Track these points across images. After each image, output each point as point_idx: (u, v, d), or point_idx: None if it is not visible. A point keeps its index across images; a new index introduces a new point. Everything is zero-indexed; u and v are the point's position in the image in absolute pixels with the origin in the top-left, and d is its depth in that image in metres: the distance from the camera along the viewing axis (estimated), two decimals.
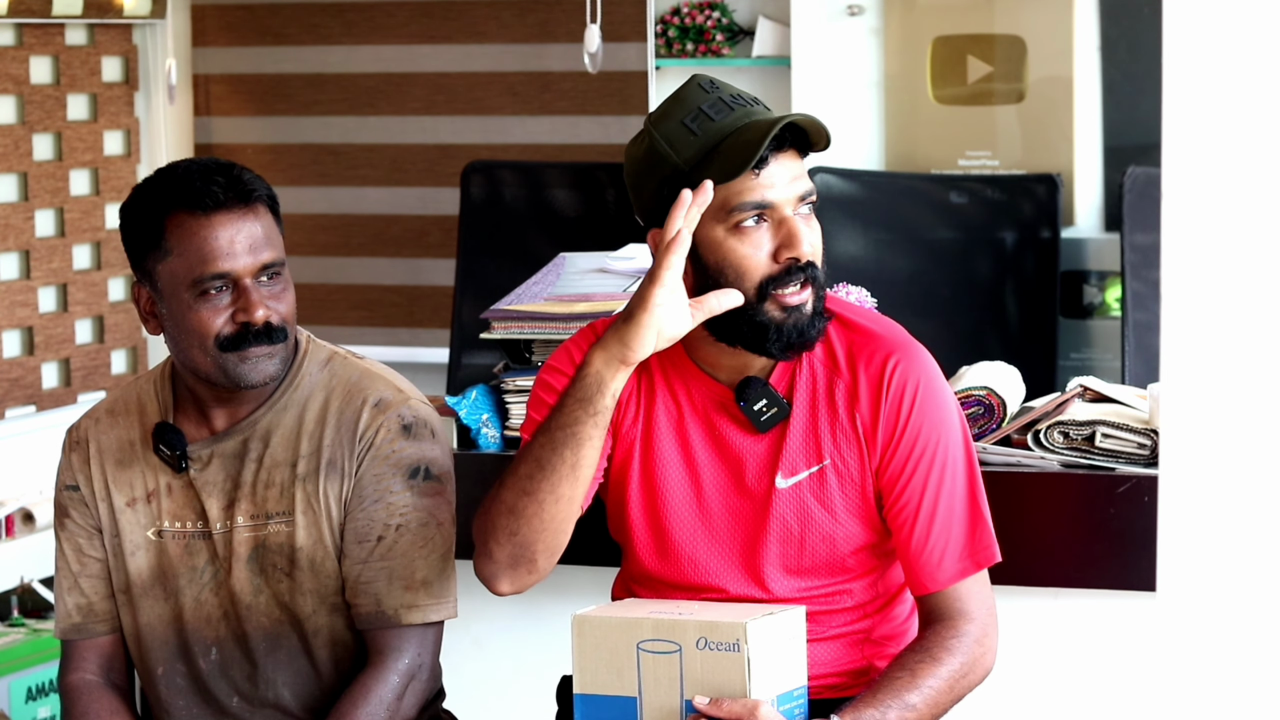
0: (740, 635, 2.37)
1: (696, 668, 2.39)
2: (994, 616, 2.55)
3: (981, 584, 2.55)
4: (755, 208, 2.45)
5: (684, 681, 2.40)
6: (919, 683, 2.46)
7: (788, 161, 2.46)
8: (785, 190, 2.46)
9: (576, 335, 2.63)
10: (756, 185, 2.45)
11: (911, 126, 5.09)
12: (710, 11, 5.27)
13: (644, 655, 2.42)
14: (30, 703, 4.52)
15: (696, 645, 2.39)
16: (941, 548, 2.51)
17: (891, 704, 2.44)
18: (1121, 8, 4.92)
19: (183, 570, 2.73)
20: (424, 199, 5.59)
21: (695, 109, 2.47)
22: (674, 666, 2.40)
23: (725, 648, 2.38)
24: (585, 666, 2.45)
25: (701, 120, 2.46)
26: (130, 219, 2.68)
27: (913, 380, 2.52)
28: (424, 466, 2.70)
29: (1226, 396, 2.12)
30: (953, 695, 2.50)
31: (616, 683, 2.43)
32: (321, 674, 2.73)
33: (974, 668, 2.51)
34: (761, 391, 2.52)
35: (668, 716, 2.41)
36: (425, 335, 5.57)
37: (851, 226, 4.72)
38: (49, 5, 5.11)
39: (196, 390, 2.72)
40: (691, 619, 2.41)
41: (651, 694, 2.41)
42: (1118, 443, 2.93)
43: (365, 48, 5.61)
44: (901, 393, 2.51)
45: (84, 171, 5.35)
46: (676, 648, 2.40)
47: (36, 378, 5.19)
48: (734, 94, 2.49)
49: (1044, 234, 4.71)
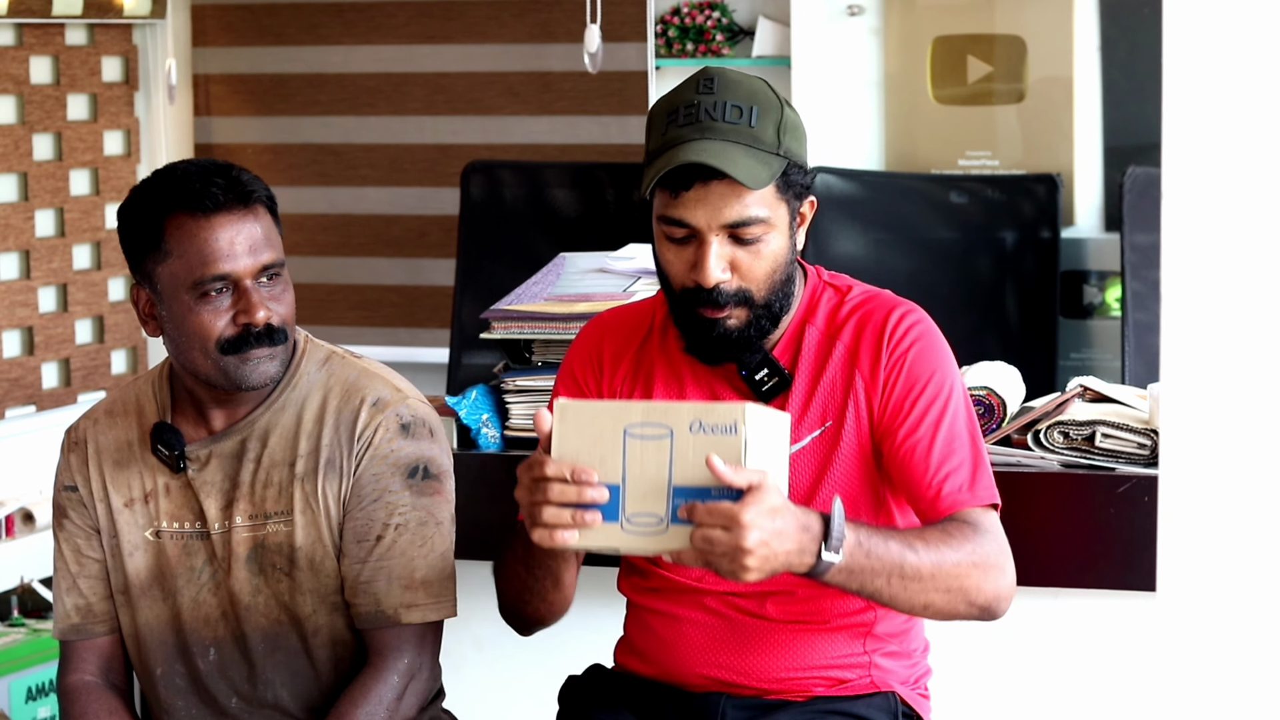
0: (739, 417, 2.26)
1: (688, 452, 2.27)
2: (1010, 557, 2.46)
3: (997, 522, 2.49)
4: (673, 224, 2.50)
5: (673, 467, 2.28)
6: (929, 542, 2.38)
7: (719, 189, 2.47)
8: (704, 218, 2.48)
9: (574, 343, 2.69)
10: (675, 205, 2.49)
11: (911, 126, 5.09)
12: (710, 11, 5.27)
13: (631, 441, 2.29)
14: (30, 703, 4.52)
15: (690, 429, 2.27)
16: (949, 471, 2.48)
17: (894, 538, 2.36)
18: (1121, 8, 4.92)
19: (181, 571, 2.73)
20: (424, 199, 5.59)
21: (677, 106, 2.51)
22: (663, 452, 2.28)
23: (722, 430, 2.27)
24: (565, 452, 2.30)
25: (673, 121, 2.50)
26: (129, 221, 2.68)
27: (915, 329, 2.55)
28: (423, 466, 2.70)
29: (1226, 396, 2.12)
30: (958, 577, 2.39)
31: (599, 469, 2.29)
32: (321, 674, 2.73)
33: (988, 575, 2.41)
34: (762, 361, 2.55)
35: (653, 503, 2.28)
36: (425, 335, 5.58)
37: (851, 226, 4.72)
38: (49, 5, 5.11)
39: (195, 391, 2.72)
40: (685, 404, 2.33)
41: (636, 481, 2.29)
42: (1118, 443, 2.93)
43: (365, 48, 5.61)
44: (902, 339, 2.54)
45: (84, 171, 5.35)
46: (667, 432, 2.28)
47: (36, 378, 5.19)
48: (717, 103, 2.48)
49: (1044, 234, 4.71)
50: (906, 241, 4.76)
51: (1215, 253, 2.11)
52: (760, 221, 2.49)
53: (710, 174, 2.46)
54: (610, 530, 2.30)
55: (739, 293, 2.50)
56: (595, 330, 2.71)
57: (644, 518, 2.29)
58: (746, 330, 2.53)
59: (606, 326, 2.71)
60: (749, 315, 2.52)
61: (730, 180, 2.45)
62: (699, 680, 2.60)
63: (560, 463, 2.29)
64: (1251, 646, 2.13)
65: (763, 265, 2.51)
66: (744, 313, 2.52)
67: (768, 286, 2.52)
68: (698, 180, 2.46)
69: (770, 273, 2.52)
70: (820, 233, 4.70)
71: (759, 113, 2.49)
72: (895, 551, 2.35)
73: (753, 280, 2.51)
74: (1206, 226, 2.11)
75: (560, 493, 2.29)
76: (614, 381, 2.66)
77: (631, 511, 2.30)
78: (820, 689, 2.57)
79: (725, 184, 2.46)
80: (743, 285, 2.50)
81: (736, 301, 2.51)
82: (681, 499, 2.28)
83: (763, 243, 2.50)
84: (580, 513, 2.28)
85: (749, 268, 2.50)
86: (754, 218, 2.48)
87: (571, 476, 2.28)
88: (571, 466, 2.28)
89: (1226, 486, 2.13)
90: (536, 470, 2.30)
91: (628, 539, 2.30)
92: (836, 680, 2.57)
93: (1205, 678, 2.14)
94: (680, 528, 2.28)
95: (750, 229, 2.49)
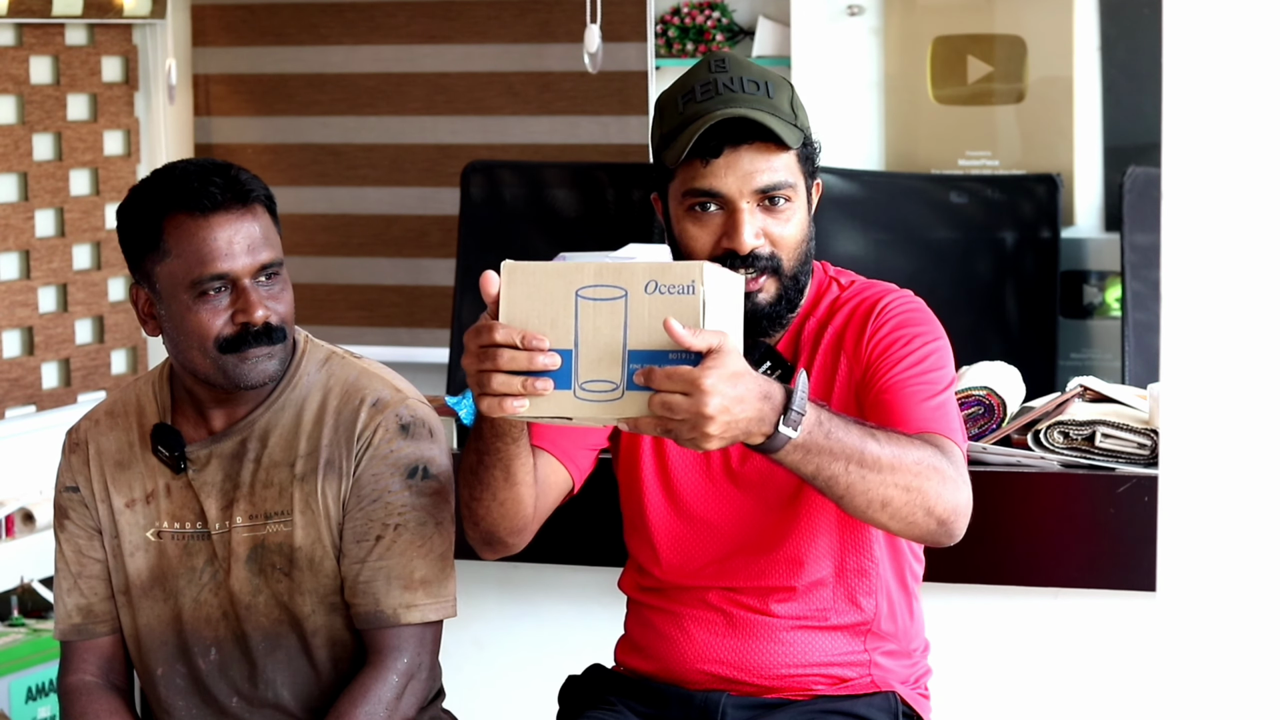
0: (697, 275, 2.16)
1: (644, 314, 2.17)
2: (968, 483, 2.40)
3: (958, 451, 2.43)
4: (702, 195, 2.49)
5: (628, 330, 2.18)
6: (892, 437, 2.33)
7: (749, 154, 2.49)
8: (735, 183, 2.48)
9: None
10: (705, 174, 2.49)
11: (911, 126, 5.09)
12: (710, 11, 5.27)
13: (583, 303, 2.19)
14: (30, 703, 4.52)
15: (645, 289, 2.17)
16: (922, 401, 2.46)
17: (856, 425, 2.30)
18: (1121, 8, 4.92)
19: (182, 571, 2.73)
20: (424, 199, 5.59)
21: (691, 87, 2.53)
22: (618, 314, 2.18)
23: (679, 290, 2.17)
24: (514, 317, 2.20)
25: (689, 99, 2.51)
26: (128, 221, 2.68)
27: (902, 305, 2.56)
28: (422, 466, 2.70)
29: (1226, 396, 2.12)
30: (918, 475, 2.32)
31: (550, 334, 2.18)
32: (321, 674, 2.73)
33: (947, 484, 2.34)
34: (765, 354, 2.56)
35: (608, 368, 2.18)
36: (425, 335, 5.57)
37: (851, 226, 4.72)
38: (49, 5, 5.11)
39: (195, 391, 2.72)
40: (639, 263, 2.20)
41: (589, 345, 2.18)
42: (1118, 443, 2.93)
43: (365, 48, 5.61)
44: (889, 315, 2.55)
45: (84, 171, 5.35)
46: (622, 293, 2.18)
47: (36, 378, 5.19)
48: (733, 78, 2.51)
49: (1044, 234, 4.71)
50: (906, 241, 4.76)
51: (1215, 253, 2.11)
52: (789, 185, 2.51)
53: (741, 137, 2.47)
54: (562, 398, 2.19)
55: (772, 259, 2.51)
56: None
57: (598, 384, 2.19)
58: (776, 305, 2.53)
59: None
60: (779, 287, 2.52)
61: (759, 145, 2.48)
62: (700, 677, 2.60)
63: (509, 328, 2.18)
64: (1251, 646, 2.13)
65: (792, 233, 2.52)
66: (774, 284, 2.52)
67: (796, 257, 2.53)
68: (728, 145, 2.47)
69: (799, 242, 2.53)
70: (820, 233, 4.67)
71: (774, 86, 2.53)
72: (855, 437, 2.27)
73: (784, 248, 2.52)
74: (1206, 226, 2.11)
75: (510, 359, 2.18)
76: None
77: (585, 378, 2.19)
78: (821, 687, 2.57)
79: (755, 149, 2.48)
80: (775, 252, 2.51)
81: (770, 270, 2.51)
82: (637, 363, 2.18)
83: (790, 210, 2.52)
84: (531, 380, 2.17)
85: (779, 236, 2.51)
86: (784, 182, 2.50)
87: (521, 342, 2.17)
88: (521, 332, 2.18)
89: (1226, 486, 2.12)
90: (485, 336, 2.19)
91: (581, 406, 2.19)
92: (837, 679, 2.57)
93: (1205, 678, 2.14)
94: (636, 394, 2.18)
95: (781, 191, 2.50)
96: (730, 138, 2.48)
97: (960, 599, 2.94)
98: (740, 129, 2.48)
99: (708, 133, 2.47)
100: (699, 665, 2.59)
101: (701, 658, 2.59)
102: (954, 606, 2.95)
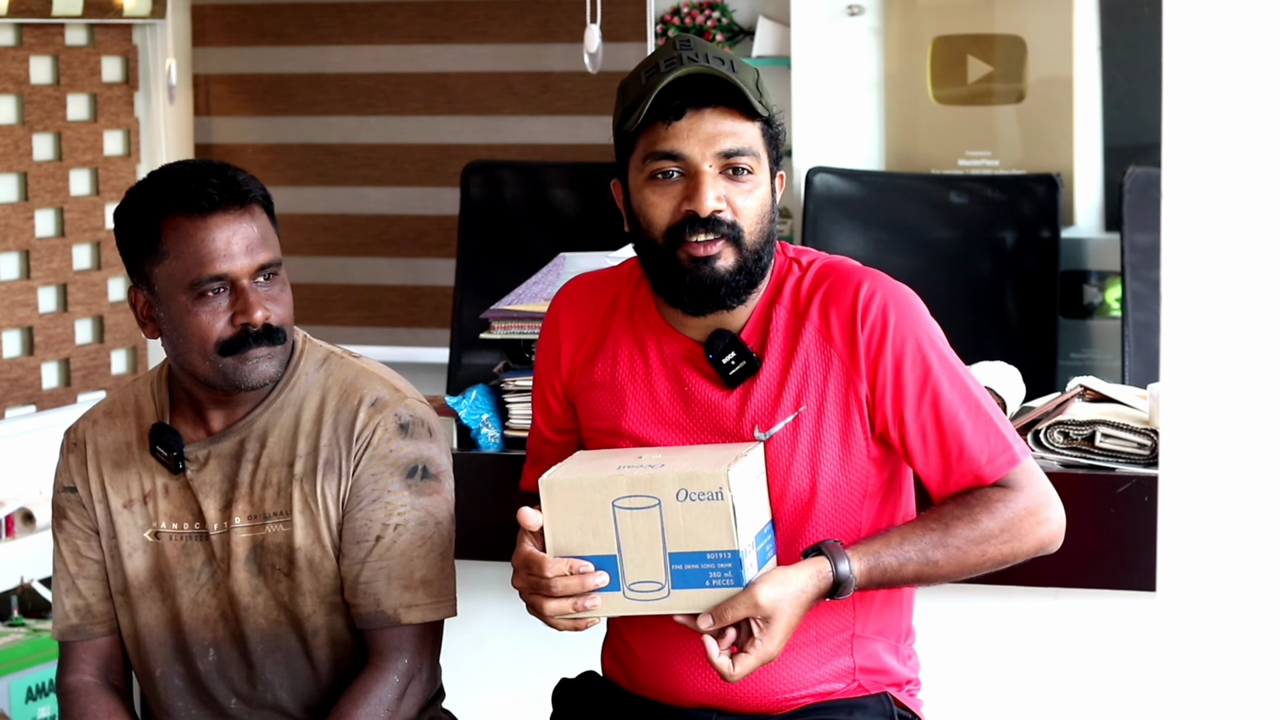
0: (723, 483, 2.32)
1: (678, 519, 2.34)
2: (1051, 495, 2.50)
3: (1027, 471, 2.50)
4: (662, 158, 2.46)
5: (665, 534, 2.35)
6: (948, 530, 2.45)
7: (712, 116, 2.45)
8: (698, 146, 2.45)
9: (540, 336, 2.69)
10: (667, 136, 2.45)
11: (911, 126, 5.09)
12: (710, 11, 5.27)
13: (621, 513, 2.36)
14: (30, 703, 4.52)
15: (677, 498, 2.34)
16: (959, 450, 2.48)
17: (907, 548, 2.44)
18: (1121, 8, 4.92)
19: (180, 571, 2.73)
20: (424, 199, 5.59)
21: (655, 63, 2.48)
22: (654, 520, 2.35)
23: (707, 497, 2.33)
24: (558, 530, 2.38)
25: (653, 72, 2.47)
26: (125, 223, 2.68)
27: (884, 301, 2.51)
28: (421, 465, 2.70)
29: (1226, 396, 2.12)
30: (984, 555, 2.46)
31: (593, 542, 2.37)
32: (320, 674, 2.73)
33: (1018, 533, 2.47)
34: (730, 345, 2.51)
35: (652, 570, 2.36)
36: (425, 335, 5.58)
37: (851, 226, 4.72)
38: (49, 5, 5.11)
39: (194, 392, 2.72)
40: (668, 472, 2.35)
41: (632, 549, 2.36)
42: (1118, 443, 2.93)
43: (365, 48, 5.61)
44: (876, 316, 2.50)
45: (84, 171, 5.35)
46: (655, 502, 2.34)
47: (36, 378, 5.19)
48: (697, 53, 2.47)
49: (1044, 234, 4.71)
50: (906, 241, 4.76)
51: (1215, 253, 2.11)
52: (752, 154, 2.47)
53: (704, 100, 2.44)
54: (614, 599, 2.38)
55: (733, 227, 2.45)
56: (551, 319, 2.67)
57: (645, 585, 2.37)
58: (736, 275, 2.47)
59: (560, 313, 2.66)
60: (738, 258, 2.46)
61: (723, 110, 2.45)
62: (687, 701, 2.57)
63: (559, 562, 2.37)
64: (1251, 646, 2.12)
65: (753, 205, 2.47)
66: (734, 254, 2.46)
67: (757, 231, 2.48)
68: (690, 107, 2.44)
69: (760, 216, 2.48)
70: (820, 233, 4.70)
71: (738, 66, 2.49)
72: (914, 560, 2.42)
73: (744, 218, 2.47)
74: (1206, 226, 2.11)
75: (564, 586, 2.38)
76: (574, 371, 2.62)
77: (632, 580, 2.37)
78: (808, 702, 2.54)
79: (718, 112, 2.45)
80: (736, 221, 2.46)
81: (729, 237, 2.46)
82: (679, 564, 2.35)
83: (752, 182, 2.47)
84: (581, 601, 2.38)
85: (741, 205, 2.46)
86: (747, 148, 2.46)
87: (571, 571, 2.38)
88: (569, 563, 2.37)
89: (1226, 486, 2.12)
90: (536, 571, 2.38)
91: (633, 605, 2.38)
92: (824, 694, 2.54)
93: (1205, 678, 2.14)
94: (682, 591, 2.36)
95: (743, 158, 2.46)
96: (693, 99, 2.44)
97: (959, 599, 2.94)
98: (703, 90, 2.44)
99: (669, 91, 2.43)
100: (684, 694, 2.56)
101: (685, 688, 2.55)
102: (953, 606, 2.95)
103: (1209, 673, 2.15)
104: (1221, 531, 2.13)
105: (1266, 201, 2.10)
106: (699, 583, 2.35)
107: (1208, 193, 2.11)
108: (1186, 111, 2.11)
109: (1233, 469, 2.13)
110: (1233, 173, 2.10)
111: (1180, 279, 2.13)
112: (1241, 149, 2.10)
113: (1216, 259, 2.12)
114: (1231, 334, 2.12)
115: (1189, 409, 2.14)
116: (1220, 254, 2.11)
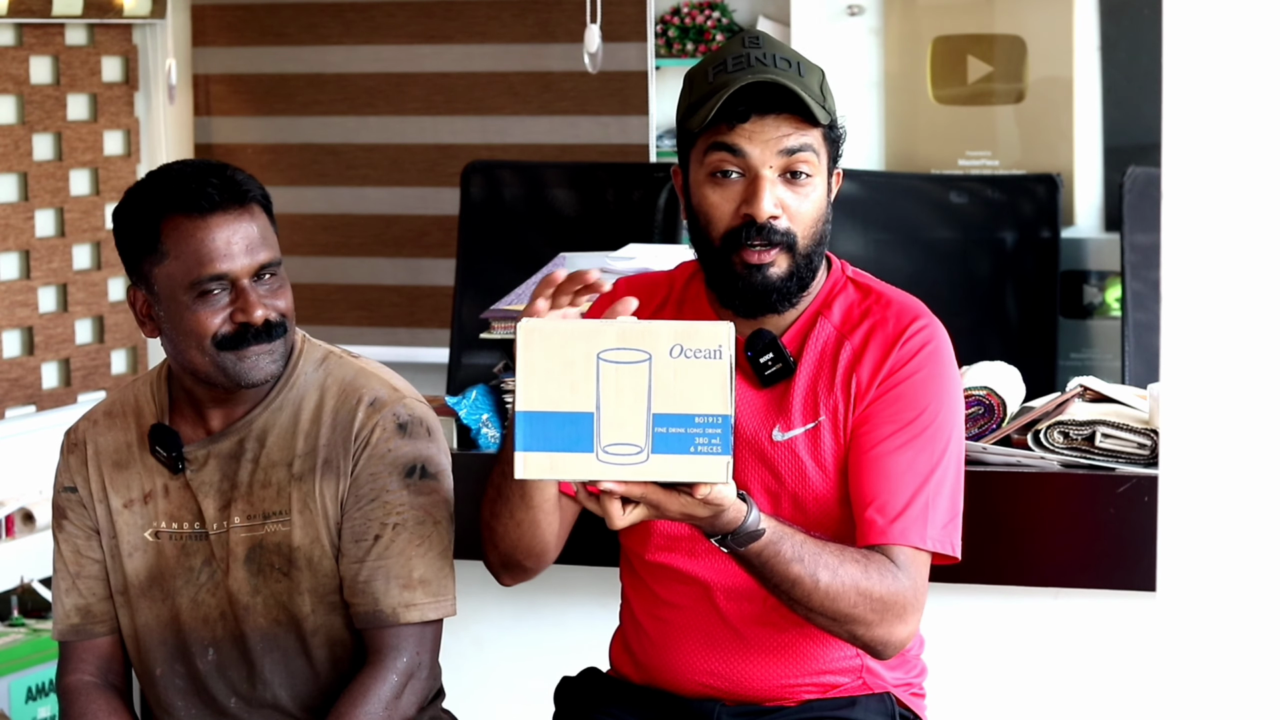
0: (724, 340, 2.16)
1: (668, 377, 2.16)
2: (922, 604, 2.46)
3: (920, 564, 2.46)
4: (725, 151, 2.48)
5: (652, 392, 2.16)
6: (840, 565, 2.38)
7: (775, 122, 2.48)
8: (759, 148, 2.47)
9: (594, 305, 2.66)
10: (730, 137, 2.48)
11: (911, 126, 5.09)
12: (710, 11, 5.27)
13: (605, 366, 2.16)
14: (30, 703, 4.52)
15: (670, 353, 2.16)
16: (885, 501, 2.46)
17: (809, 544, 2.37)
18: (1121, 8, 4.92)
19: (180, 571, 2.73)
20: (424, 199, 5.60)
21: (724, 59, 2.51)
22: (641, 376, 2.16)
23: (705, 355, 2.16)
24: (532, 380, 2.17)
25: (720, 70, 2.50)
26: (124, 223, 2.68)
27: (928, 341, 2.53)
28: (420, 465, 2.70)
29: (1226, 396, 2.12)
30: (850, 606, 2.39)
31: (569, 397, 2.16)
32: (319, 674, 2.73)
33: (883, 612, 2.41)
34: (769, 345, 2.54)
35: (631, 432, 2.17)
36: (425, 335, 5.58)
37: (851, 226, 4.72)
38: (49, 5, 5.11)
39: (193, 391, 2.72)
40: (664, 325, 2.18)
41: (613, 407, 2.16)
42: (1118, 443, 2.93)
43: (365, 48, 5.62)
44: (914, 348, 2.52)
45: (84, 171, 5.35)
46: (645, 357, 2.16)
47: (36, 378, 5.19)
48: (766, 53, 2.50)
49: (1044, 234, 4.71)
50: (906, 241, 4.76)
51: (1215, 253, 2.11)
52: (813, 156, 2.50)
53: (768, 106, 2.46)
54: (585, 461, 2.18)
55: (787, 234, 2.49)
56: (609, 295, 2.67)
57: (621, 448, 2.18)
58: (788, 281, 2.50)
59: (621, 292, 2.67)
60: (791, 264, 2.50)
61: (786, 116, 2.47)
62: (693, 688, 2.59)
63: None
64: (1251, 646, 2.12)
65: (810, 209, 2.50)
66: (787, 260, 2.50)
67: (811, 236, 2.51)
68: (755, 112, 2.47)
69: (815, 220, 2.51)
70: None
71: (805, 67, 2.52)
72: (797, 569, 2.35)
73: (799, 223, 2.50)
74: (1206, 226, 2.11)
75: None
76: None
77: (608, 441, 2.18)
78: (811, 694, 2.55)
79: (781, 119, 2.47)
80: (790, 228, 2.49)
81: (784, 244, 2.49)
82: (662, 426, 2.17)
83: (811, 185, 2.50)
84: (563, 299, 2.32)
85: (796, 210, 2.49)
86: (809, 147, 2.49)
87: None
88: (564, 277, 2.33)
89: (1226, 486, 2.12)
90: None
91: (605, 469, 2.18)
92: (829, 685, 2.56)
93: (1205, 678, 2.14)
94: (661, 457, 2.18)
95: (805, 160, 2.48)
96: (758, 105, 2.47)
97: (960, 599, 2.94)
98: (768, 97, 2.46)
99: (735, 97, 2.46)
100: (691, 677, 2.58)
101: (693, 669, 2.58)
102: (953, 606, 2.95)
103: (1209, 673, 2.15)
104: (1221, 531, 2.13)
105: (1266, 202, 2.10)
106: (682, 448, 2.18)
107: (1208, 193, 2.11)
108: (1186, 111, 2.11)
109: (1233, 469, 2.13)
110: (1233, 173, 2.10)
111: (1180, 279, 2.13)
112: (1241, 149, 2.10)
113: (1216, 259, 2.12)
114: (1231, 334, 2.12)
115: (1189, 409, 2.14)
116: (1220, 254, 2.11)
